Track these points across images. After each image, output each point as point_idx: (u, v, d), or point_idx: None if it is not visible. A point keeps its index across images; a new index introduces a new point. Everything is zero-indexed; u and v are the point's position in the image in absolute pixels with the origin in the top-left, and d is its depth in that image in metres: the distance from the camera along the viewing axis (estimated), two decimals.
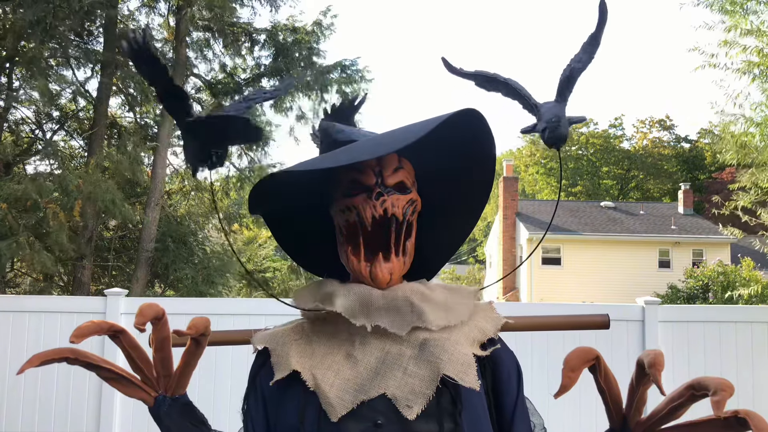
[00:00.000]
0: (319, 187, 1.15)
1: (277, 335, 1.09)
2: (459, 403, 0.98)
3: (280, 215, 1.21)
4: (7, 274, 9.30)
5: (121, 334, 0.96)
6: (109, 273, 10.30)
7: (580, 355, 0.90)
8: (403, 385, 0.98)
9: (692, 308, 5.68)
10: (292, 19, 10.41)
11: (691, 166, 37.30)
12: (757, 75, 7.11)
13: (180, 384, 1.01)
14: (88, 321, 0.93)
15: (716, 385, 0.78)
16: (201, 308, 4.73)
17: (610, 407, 0.94)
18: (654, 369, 0.84)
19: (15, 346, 4.51)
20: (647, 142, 39.09)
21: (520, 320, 1.24)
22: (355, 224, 1.08)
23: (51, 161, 9.06)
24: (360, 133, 1.14)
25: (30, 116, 10.06)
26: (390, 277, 1.06)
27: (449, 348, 1.01)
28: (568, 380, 0.88)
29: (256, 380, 1.10)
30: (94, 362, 0.94)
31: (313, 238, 1.22)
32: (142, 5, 10.13)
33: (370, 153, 0.98)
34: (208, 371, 4.37)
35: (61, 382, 4.49)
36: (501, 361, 1.08)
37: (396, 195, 1.08)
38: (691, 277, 13.47)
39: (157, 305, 0.95)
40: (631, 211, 24.97)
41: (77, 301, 5.34)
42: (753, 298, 10.59)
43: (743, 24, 6.98)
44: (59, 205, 7.50)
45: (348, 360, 1.02)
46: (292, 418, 1.01)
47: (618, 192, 37.93)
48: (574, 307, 5.32)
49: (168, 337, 0.98)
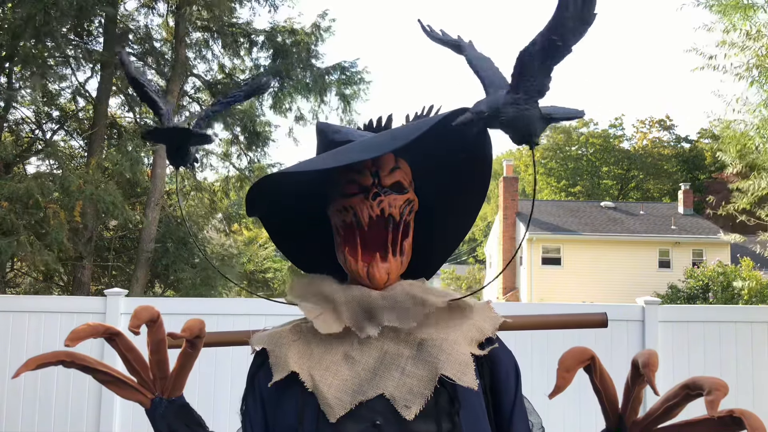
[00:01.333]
0: (316, 187, 1.15)
1: (275, 336, 1.09)
2: (457, 403, 0.98)
3: (277, 216, 1.21)
4: (7, 274, 9.30)
5: (117, 337, 0.95)
6: (109, 273, 10.30)
7: (575, 356, 0.90)
8: (401, 385, 0.98)
9: (692, 308, 5.68)
10: (290, 21, 10.42)
11: (691, 166, 37.29)
12: (756, 77, 7.10)
13: (176, 386, 1.01)
14: (83, 324, 0.92)
15: (710, 385, 0.78)
16: (201, 308, 4.72)
17: (606, 407, 0.94)
18: (648, 369, 0.84)
19: (15, 347, 4.51)
20: (647, 142, 39.09)
21: (519, 319, 1.24)
22: (352, 224, 1.08)
23: (51, 161, 9.06)
24: (357, 134, 1.14)
25: (30, 116, 10.06)
26: (387, 277, 1.06)
27: (447, 348, 1.01)
28: (563, 380, 0.88)
29: (254, 381, 1.10)
30: (90, 365, 0.94)
31: (311, 239, 1.22)
32: (141, 5, 10.13)
33: (367, 154, 0.99)
34: (208, 372, 4.37)
35: (61, 382, 4.49)
36: (499, 361, 1.08)
37: (393, 195, 1.08)
38: (691, 277, 13.47)
39: (152, 308, 0.94)
40: (631, 211, 24.96)
41: (77, 301, 5.33)
42: (753, 298, 10.59)
43: (741, 25, 6.98)
44: (59, 204, 7.50)
45: (346, 360, 1.02)
46: (290, 419, 1.01)
47: (618, 192, 37.92)
48: (573, 306, 5.32)
49: (163, 339, 0.98)
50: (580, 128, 38.78)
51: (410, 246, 1.11)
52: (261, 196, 1.11)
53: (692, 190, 26.44)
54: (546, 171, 38.97)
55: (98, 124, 9.25)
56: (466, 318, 1.08)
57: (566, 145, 38.83)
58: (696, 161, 37.40)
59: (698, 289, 12.94)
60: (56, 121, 10.39)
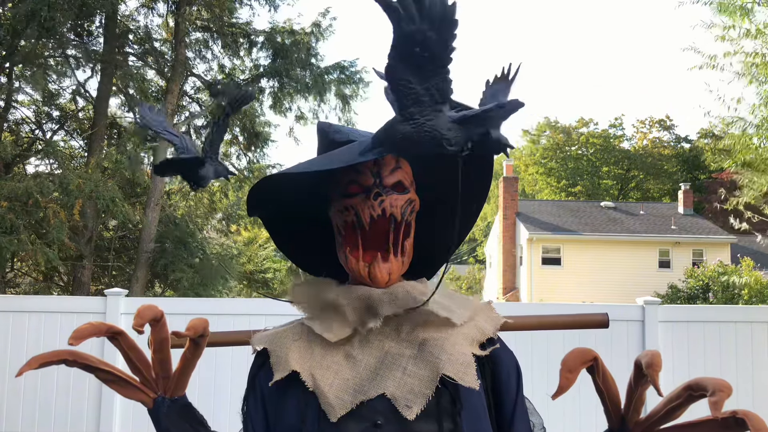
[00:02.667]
0: (317, 187, 1.15)
1: (276, 336, 1.09)
2: (458, 403, 0.98)
3: (278, 216, 1.21)
4: (7, 274, 9.31)
5: (120, 336, 0.95)
6: (109, 273, 10.31)
7: (577, 356, 0.90)
8: (402, 385, 0.98)
9: (692, 308, 5.68)
10: (290, 22, 10.43)
11: (691, 166, 37.27)
12: (755, 76, 7.10)
13: (179, 385, 1.01)
14: (86, 323, 0.92)
15: (714, 386, 0.78)
16: (201, 308, 4.72)
17: (608, 408, 0.94)
18: (651, 370, 0.84)
19: (15, 347, 4.51)
20: (647, 142, 39.08)
21: (520, 320, 1.24)
22: (354, 224, 1.08)
23: (51, 161, 9.07)
24: (357, 133, 1.14)
25: (30, 116, 10.07)
26: (389, 277, 1.06)
27: (448, 348, 1.01)
28: (566, 381, 0.88)
29: (255, 381, 1.09)
30: (92, 364, 0.94)
31: (312, 239, 1.22)
32: (141, 5, 10.14)
33: (368, 154, 0.98)
34: (208, 372, 4.37)
35: (61, 382, 4.49)
36: (500, 361, 1.08)
37: (394, 195, 1.08)
38: (691, 277, 13.47)
39: (155, 306, 0.94)
40: (631, 211, 24.96)
41: (77, 301, 5.33)
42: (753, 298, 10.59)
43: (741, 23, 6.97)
44: (59, 204, 7.50)
45: (347, 360, 1.02)
46: (291, 419, 1.01)
47: (618, 192, 37.91)
48: (573, 307, 5.32)
49: (167, 338, 0.98)
50: (580, 128, 38.78)
51: (411, 246, 1.11)
52: (261, 197, 1.11)
53: (692, 190, 26.43)
54: (546, 171, 38.96)
55: (98, 124, 9.26)
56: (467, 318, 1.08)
57: (566, 145, 38.82)
58: (696, 161, 37.38)
59: (698, 289, 12.94)
60: (56, 121, 10.40)
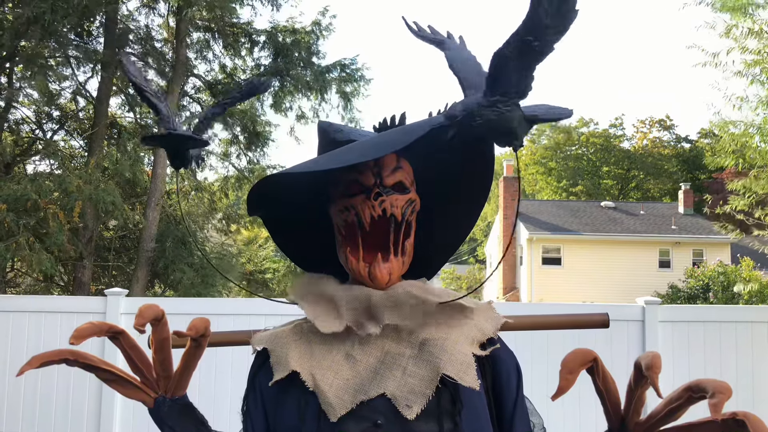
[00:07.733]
0: (317, 187, 1.15)
1: (276, 336, 1.09)
2: (459, 403, 0.98)
3: (279, 216, 1.21)
4: (7, 274, 9.31)
5: (121, 335, 0.95)
6: (109, 273, 10.31)
7: (577, 357, 0.90)
8: (402, 384, 0.98)
9: (692, 308, 5.68)
10: (291, 21, 10.42)
11: (691, 166, 37.25)
12: (758, 74, 7.09)
13: (180, 385, 1.01)
14: (87, 322, 0.92)
15: (714, 388, 0.78)
16: (201, 308, 4.72)
17: (608, 408, 0.94)
18: (651, 371, 0.84)
19: (15, 346, 4.51)
20: (647, 142, 39.07)
21: (520, 320, 1.24)
22: (354, 224, 1.08)
23: (51, 161, 9.07)
24: (358, 133, 1.14)
25: (30, 116, 10.07)
26: (389, 277, 1.06)
27: (449, 347, 1.01)
28: (566, 382, 0.88)
29: (255, 381, 1.10)
30: (93, 363, 0.94)
31: (312, 239, 1.22)
32: (142, 5, 10.13)
33: (369, 154, 0.98)
34: (209, 372, 4.37)
35: (62, 382, 4.49)
36: (501, 361, 1.08)
37: (395, 195, 1.07)
38: (691, 277, 13.48)
39: (156, 306, 0.94)
40: (631, 211, 24.95)
41: (77, 301, 5.33)
42: (753, 298, 10.59)
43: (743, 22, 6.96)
44: (59, 205, 7.50)
45: (347, 360, 1.02)
46: (291, 419, 1.01)
47: (618, 192, 37.90)
48: (573, 307, 5.33)
49: (168, 338, 0.98)
50: (580, 128, 38.76)
51: (412, 246, 1.11)
52: (262, 196, 1.11)
53: (692, 190, 26.43)
54: (546, 171, 38.94)
55: (98, 124, 9.25)
56: (467, 318, 1.08)
57: (566, 145, 38.81)
58: (696, 161, 37.36)
59: (698, 289, 12.95)
60: (56, 121, 10.39)
